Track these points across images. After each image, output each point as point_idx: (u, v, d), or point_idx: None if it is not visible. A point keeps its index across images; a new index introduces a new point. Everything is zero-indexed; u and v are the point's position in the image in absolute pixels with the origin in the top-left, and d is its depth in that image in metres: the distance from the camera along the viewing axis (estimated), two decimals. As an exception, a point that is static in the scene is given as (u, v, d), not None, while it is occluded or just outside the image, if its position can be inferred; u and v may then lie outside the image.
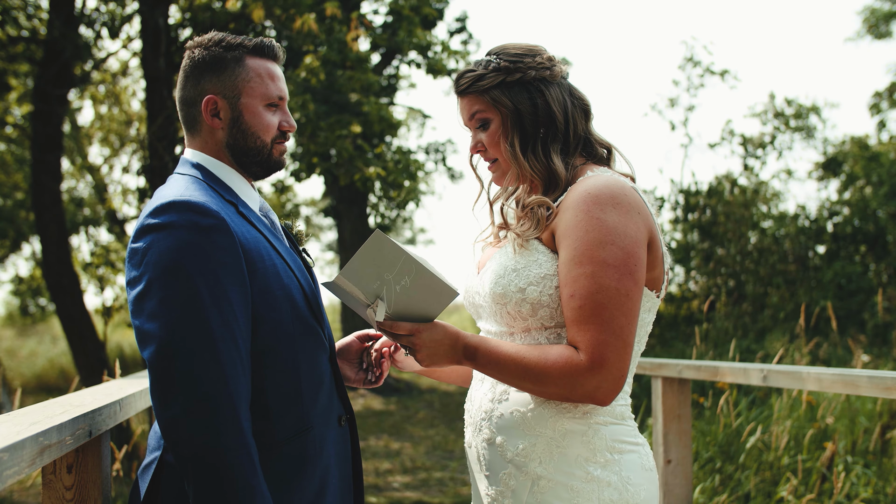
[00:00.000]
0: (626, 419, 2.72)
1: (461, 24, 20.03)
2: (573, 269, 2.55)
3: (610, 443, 2.65)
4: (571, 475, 2.62)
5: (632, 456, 2.68)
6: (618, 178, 2.68)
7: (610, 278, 2.51)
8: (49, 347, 23.86)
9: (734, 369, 5.37)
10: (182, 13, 12.13)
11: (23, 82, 14.24)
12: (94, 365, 11.33)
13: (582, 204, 2.59)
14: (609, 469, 2.62)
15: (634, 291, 2.54)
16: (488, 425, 2.76)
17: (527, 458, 2.66)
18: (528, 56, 2.79)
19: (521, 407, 2.69)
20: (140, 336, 2.41)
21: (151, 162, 11.10)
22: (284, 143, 2.79)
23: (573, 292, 2.54)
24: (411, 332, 2.64)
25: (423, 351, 2.65)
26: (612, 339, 2.50)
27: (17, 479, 2.05)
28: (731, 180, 17.66)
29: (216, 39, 2.72)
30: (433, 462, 11.07)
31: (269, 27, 11.25)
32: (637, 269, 2.56)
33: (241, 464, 2.34)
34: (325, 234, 31.99)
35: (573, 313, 2.54)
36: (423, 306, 2.62)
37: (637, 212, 2.60)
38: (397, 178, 11.50)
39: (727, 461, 7.58)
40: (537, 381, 2.56)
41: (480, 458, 2.79)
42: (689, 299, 15.74)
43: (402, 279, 2.56)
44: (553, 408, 2.66)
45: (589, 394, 2.52)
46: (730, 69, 21.49)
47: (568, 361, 2.51)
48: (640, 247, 2.58)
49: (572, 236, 2.58)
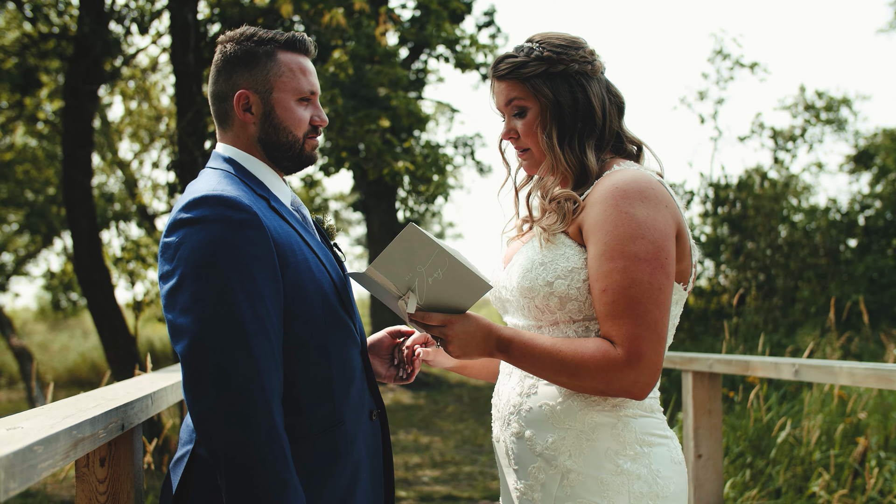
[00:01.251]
0: (655, 412, 2.72)
1: (489, 17, 20.01)
2: (604, 263, 2.54)
3: (640, 435, 2.64)
4: (601, 468, 2.61)
5: (661, 449, 2.67)
6: (644, 172, 2.67)
7: (642, 272, 2.51)
8: (80, 342, 24.06)
9: (765, 364, 5.34)
10: (211, 9, 12.16)
11: (54, 79, 14.33)
12: (125, 359, 11.40)
13: (610, 198, 2.58)
14: (639, 462, 2.62)
15: (666, 284, 2.54)
16: (517, 419, 2.75)
17: (556, 451, 2.65)
18: (573, 48, 2.77)
19: (550, 400, 2.68)
20: (173, 330, 2.42)
21: (181, 157, 11.14)
22: (316, 137, 2.79)
23: (605, 287, 2.53)
24: (443, 324, 2.62)
25: (455, 342, 2.63)
26: (648, 333, 2.49)
27: (51, 472, 2.06)
28: (761, 174, 17.55)
29: (248, 34, 2.72)
30: (462, 456, 11.07)
31: (298, 22, 11.25)
32: (668, 263, 2.55)
33: (273, 457, 2.34)
34: (354, 229, 32.08)
35: (606, 308, 2.53)
36: (455, 299, 2.61)
37: (665, 205, 2.59)
38: (426, 172, 11.50)
39: (758, 456, 7.54)
40: (573, 374, 2.55)
41: (509, 452, 2.78)
42: (718, 293, 15.65)
43: (434, 271, 2.55)
44: (582, 401, 2.65)
45: (626, 388, 2.52)
46: (759, 62, 21.45)
47: (605, 355, 2.50)
48: (669, 240, 2.57)
49: (602, 231, 2.57)
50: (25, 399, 17.33)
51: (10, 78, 12.99)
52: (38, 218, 19.38)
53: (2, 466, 1.72)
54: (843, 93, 23.08)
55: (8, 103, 14.48)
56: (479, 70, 13.16)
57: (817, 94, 21.24)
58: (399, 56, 12.49)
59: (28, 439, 1.94)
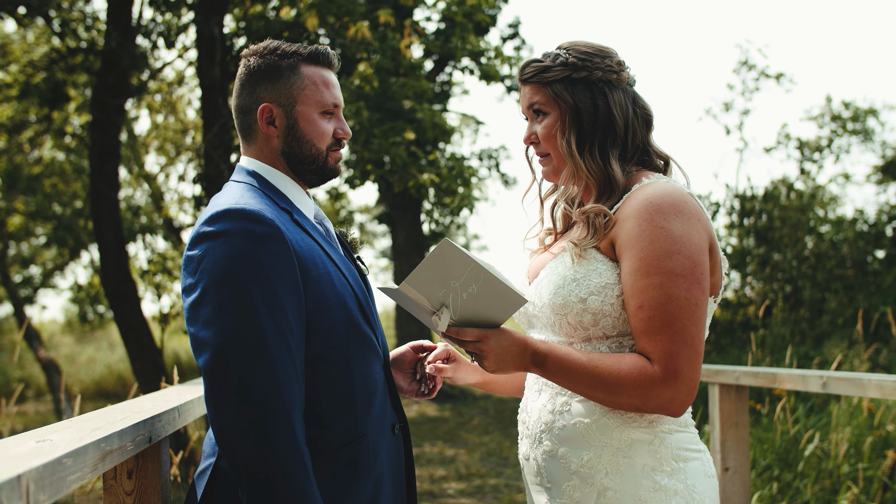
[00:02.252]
0: (689, 426, 2.71)
1: (514, 30, 19.99)
2: (640, 279, 2.54)
3: (675, 451, 2.63)
4: (638, 485, 2.60)
5: (696, 463, 2.66)
6: (676, 185, 2.66)
7: (679, 288, 2.50)
8: (107, 354, 24.16)
9: (793, 376, 5.31)
10: (237, 22, 12.24)
11: (81, 93, 14.43)
12: (151, 371, 11.44)
13: (644, 213, 2.57)
14: (675, 477, 2.60)
15: (702, 300, 2.53)
16: (549, 437, 2.73)
17: (592, 469, 2.64)
18: (598, 56, 2.77)
19: (585, 418, 2.67)
20: (195, 343, 2.43)
21: (207, 170, 11.19)
22: (339, 150, 2.80)
23: (642, 303, 2.53)
24: (478, 339, 2.61)
25: (491, 357, 2.61)
26: (685, 350, 2.48)
27: (79, 485, 2.07)
28: (787, 184, 17.44)
29: (271, 48, 2.74)
30: (488, 469, 11.05)
31: (323, 35, 11.30)
32: (703, 278, 2.54)
33: (294, 471, 2.35)
34: (379, 241, 32.07)
35: (643, 324, 2.52)
36: (489, 313, 2.60)
37: (698, 219, 2.59)
38: (451, 184, 11.50)
39: (785, 469, 7.49)
40: (610, 391, 2.54)
41: (541, 470, 2.76)
42: (745, 305, 15.55)
43: (469, 286, 2.53)
44: (618, 418, 2.63)
45: (663, 405, 2.51)
46: (785, 72, 21.36)
47: (642, 372, 2.50)
48: (704, 254, 2.56)
49: (636, 246, 2.56)
50: (53, 411, 17.43)
51: (39, 92, 13.10)
52: (65, 231, 19.50)
53: (32, 479, 1.74)
54: (870, 103, 22.87)
55: (36, 117, 14.60)
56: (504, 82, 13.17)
57: (844, 104, 21.09)
58: (424, 68, 12.50)
59: (57, 452, 1.95)
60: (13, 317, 24.26)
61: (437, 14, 15.43)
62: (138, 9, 11.87)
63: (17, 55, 14.89)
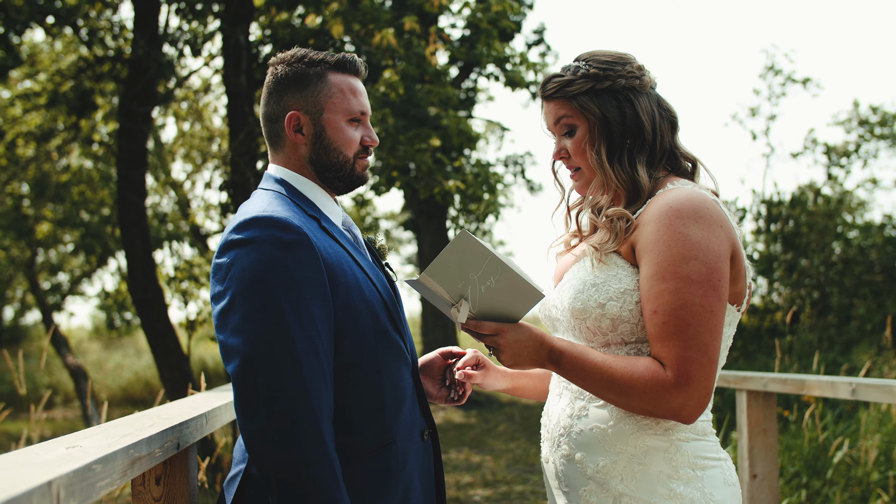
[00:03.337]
0: (707, 435, 2.68)
1: (539, 36, 19.99)
2: (656, 284, 2.52)
3: (692, 459, 2.61)
4: (654, 492, 2.58)
5: (714, 472, 2.64)
6: (699, 191, 2.64)
7: (694, 294, 2.48)
8: (134, 360, 24.29)
9: (821, 383, 5.27)
10: (262, 30, 12.28)
11: (108, 101, 14.54)
12: (178, 378, 11.49)
13: (664, 218, 2.56)
14: (692, 485, 2.59)
15: (718, 307, 2.51)
16: (567, 441, 2.73)
17: (608, 475, 2.63)
18: (619, 64, 2.75)
19: (601, 423, 2.66)
20: (224, 351, 2.44)
21: (233, 177, 11.23)
22: (366, 157, 2.80)
23: (656, 308, 2.51)
24: (496, 332, 2.61)
25: (507, 351, 2.62)
26: (698, 356, 2.47)
27: (108, 491, 2.08)
28: (814, 190, 17.33)
29: (298, 56, 2.75)
30: (514, 475, 11.02)
31: (349, 42, 11.33)
32: (721, 285, 2.52)
33: (323, 477, 2.35)
34: (405, 248, 32.13)
35: (657, 329, 2.51)
36: (508, 307, 2.60)
37: (720, 225, 2.56)
38: (476, 191, 11.50)
39: (814, 476, 7.44)
40: (621, 392, 2.53)
41: (559, 473, 2.76)
42: (772, 311, 15.46)
43: (487, 279, 2.54)
44: (634, 424, 2.63)
45: (674, 411, 2.49)
46: (812, 77, 21.23)
47: (654, 376, 2.49)
48: (723, 261, 2.54)
49: (654, 251, 2.55)
50: (80, 417, 17.53)
51: (67, 101, 13.21)
52: (92, 238, 19.64)
53: (62, 485, 1.75)
54: (898, 107, 22.70)
55: (64, 125, 14.70)
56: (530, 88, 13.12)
57: (871, 108, 20.94)
58: (449, 75, 12.53)
59: (87, 458, 1.97)
60: (41, 323, 24.48)
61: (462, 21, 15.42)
62: (165, 17, 11.94)
63: (46, 64, 15.03)
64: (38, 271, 22.01)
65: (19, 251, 20.99)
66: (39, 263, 22.50)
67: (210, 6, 11.43)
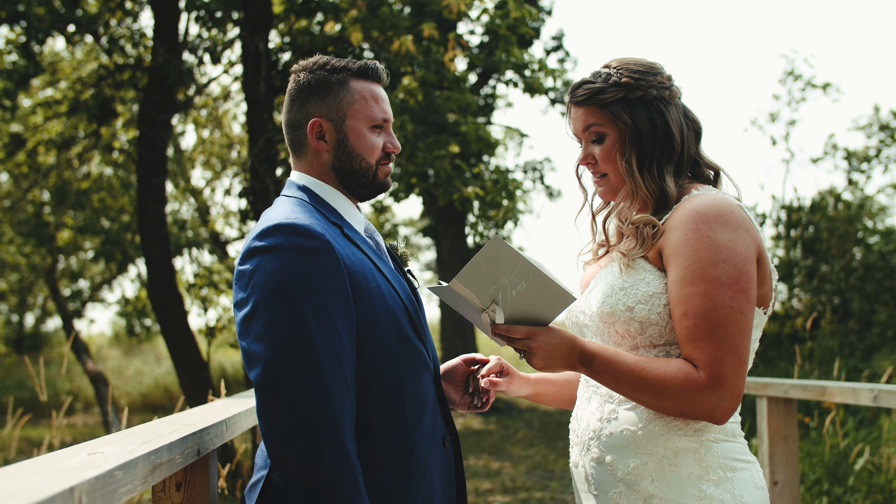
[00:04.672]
0: (737, 436, 2.70)
1: (558, 42, 19.99)
2: (685, 287, 2.54)
3: (722, 460, 2.62)
4: (684, 493, 2.59)
5: (744, 474, 2.64)
6: (723, 196, 2.67)
7: (724, 296, 2.50)
8: (154, 367, 24.38)
9: (843, 389, 5.24)
10: (281, 38, 12.32)
11: (128, 108, 14.62)
12: (198, 384, 11.53)
13: (691, 222, 2.58)
14: (722, 487, 2.59)
15: (748, 308, 2.53)
16: (597, 444, 2.74)
17: (638, 476, 2.64)
18: (650, 74, 2.76)
19: (631, 425, 2.67)
20: (246, 357, 2.44)
21: (252, 184, 11.27)
22: (389, 164, 2.81)
23: (686, 311, 2.53)
24: (527, 336, 2.62)
25: (539, 354, 2.62)
26: (730, 357, 2.48)
27: (129, 497, 2.08)
28: (834, 195, 17.25)
29: (321, 63, 2.75)
30: (533, 482, 11.00)
31: (367, 49, 11.35)
32: (749, 287, 2.54)
33: (344, 484, 2.35)
34: (424, 254, 32.15)
35: (687, 332, 2.53)
36: (539, 311, 2.60)
37: (745, 229, 2.58)
38: (495, 197, 11.50)
39: (835, 483, 7.39)
40: (654, 394, 2.54)
41: (589, 477, 2.77)
42: (792, 317, 15.40)
43: (518, 284, 2.54)
44: (664, 426, 2.63)
45: (707, 411, 2.51)
46: (832, 82, 21.14)
47: (687, 377, 2.50)
48: (750, 264, 2.56)
49: (682, 255, 2.56)
50: (101, 423, 17.60)
51: (87, 108, 13.29)
52: (113, 245, 19.72)
53: (84, 491, 1.75)
54: (920, 112, 22.56)
55: (85, 133, 14.79)
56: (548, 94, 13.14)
57: (892, 113, 20.82)
58: (468, 81, 12.51)
59: (108, 464, 1.97)
60: (62, 330, 24.59)
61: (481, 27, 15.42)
62: (184, 25, 12.01)
63: (66, 72, 15.13)
64: (59, 278, 22.11)
65: (40, 258, 21.10)
66: (60, 270, 22.61)
67: (229, 14, 11.48)
